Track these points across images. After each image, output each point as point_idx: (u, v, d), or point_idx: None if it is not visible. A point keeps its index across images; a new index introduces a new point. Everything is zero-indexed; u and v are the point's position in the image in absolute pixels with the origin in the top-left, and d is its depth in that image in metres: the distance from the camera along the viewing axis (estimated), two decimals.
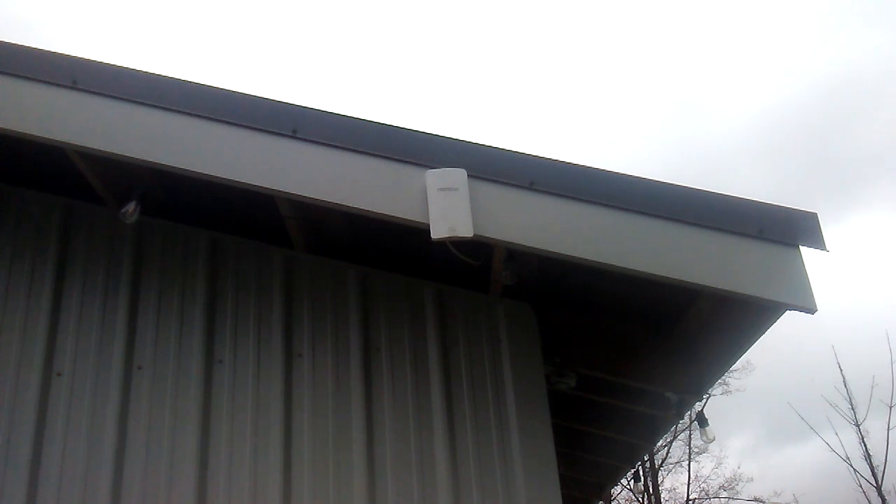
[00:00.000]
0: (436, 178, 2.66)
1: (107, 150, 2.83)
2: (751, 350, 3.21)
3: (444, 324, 3.34)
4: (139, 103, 2.86)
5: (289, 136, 2.79)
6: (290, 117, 2.82)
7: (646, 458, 21.84)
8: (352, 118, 2.83)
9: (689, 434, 23.59)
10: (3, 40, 3.04)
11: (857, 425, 17.84)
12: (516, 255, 2.97)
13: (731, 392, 24.09)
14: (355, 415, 3.16)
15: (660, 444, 20.67)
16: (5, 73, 2.96)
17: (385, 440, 3.12)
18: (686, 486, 24.81)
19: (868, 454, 17.69)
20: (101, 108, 2.88)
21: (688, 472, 24.93)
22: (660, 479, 24.56)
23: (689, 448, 24.56)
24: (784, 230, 2.57)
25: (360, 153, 2.75)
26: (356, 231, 3.37)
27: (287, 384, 3.22)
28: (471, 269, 3.11)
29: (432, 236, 2.58)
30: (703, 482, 25.19)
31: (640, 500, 23.63)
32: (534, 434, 3.10)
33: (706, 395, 3.99)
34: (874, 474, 17.46)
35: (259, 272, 3.44)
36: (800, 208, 2.59)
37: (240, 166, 2.77)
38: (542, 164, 2.72)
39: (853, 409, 18.03)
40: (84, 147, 2.88)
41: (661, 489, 24.57)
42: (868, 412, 17.72)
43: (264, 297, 3.39)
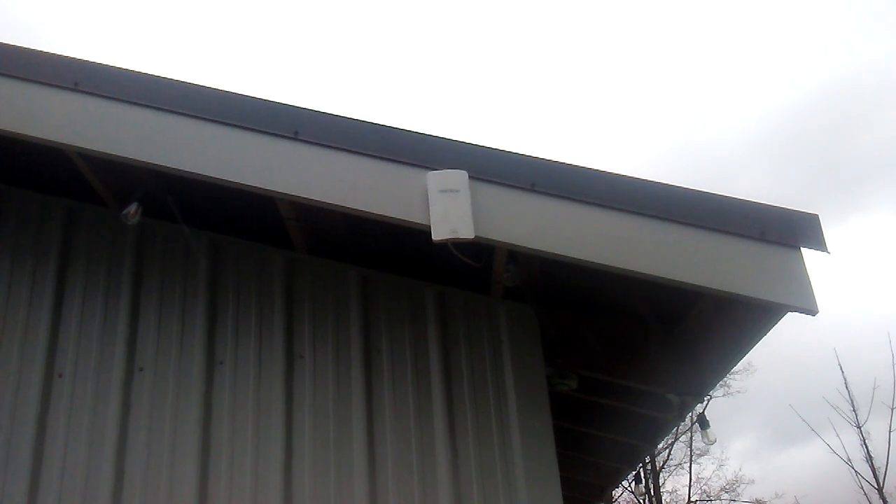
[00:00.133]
0: (437, 179, 2.66)
1: (108, 151, 2.84)
2: (752, 351, 3.20)
3: (445, 325, 3.34)
4: (140, 105, 2.87)
5: (290, 138, 2.79)
6: (291, 119, 2.82)
7: (647, 459, 21.82)
8: (353, 120, 2.83)
9: (691, 436, 23.58)
10: (4, 42, 3.04)
11: (859, 427, 17.84)
12: (518, 256, 2.97)
13: (732, 394, 24.09)
14: (356, 416, 3.16)
15: (661, 445, 20.67)
16: (7, 75, 2.96)
17: (386, 441, 3.12)
18: (687, 488, 24.79)
19: (869, 456, 17.69)
20: (102, 109, 2.88)
21: (689, 474, 24.92)
22: (661, 481, 24.54)
23: (691, 450, 24.55)
24: (785, 232, 2.56)
25: (361, 155, 2.75)
26: (357, 232, 3.36)
27: (288, 385, 3.22)
28: (472, 270, 3.11)
29: (433, 238, 2.57)
30: (705, 484, 25.18)
31: (642, 501, 23.61)
32: (535, 435, 3.09)
33: (707, 397, 3.98)
34: (875, 476, 17.45)
35: (260, 273, 3.45)
36: (801, 210, 2.59)
37: (241, 168, 2.77)
38: (544, 165, 2.72)
39: (854, 410, 18.03)
40: (85, 149, 2.88)
41: (662, 491, 24.55)
42: (869, 414, 17.73)
43: (265, 298, 3.39)
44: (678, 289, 2.63)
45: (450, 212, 2.60)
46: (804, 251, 2.54)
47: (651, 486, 23.52)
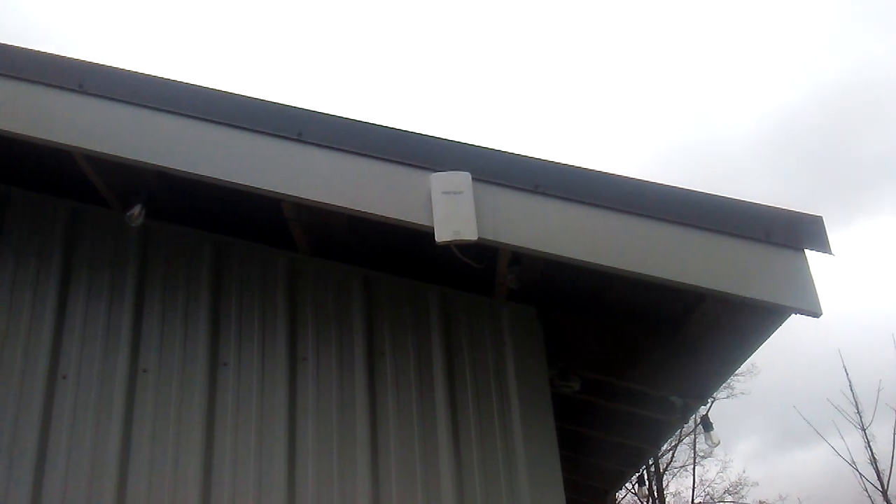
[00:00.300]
0: (440, 181, 2.66)
1: (112, 153, 2.84)
2: (756, 353, 3.20)
3: (448, 327, 3.34)
4: (144, 107, 2.87)
5: (294, 140, 2.79)
6: (295, 120, 2.82)
7: (650, 461, 21.78)
8: (357, 121, 2.83)
9: (694, 438, 23.55)
10: (9, 43, 3.05)
11: (863, 429, 17.83)
12: (521, 258, 2.97)
13: (735, 395, 24.04)
14: (359, 418, 3.16)
15: (664, 447, 20.64)
16: (11, 77, 2.97)
17: (389, 443, 3.12)
18: (691, 490, 24.76)
19: (874, 458, 17.67)
20: (106, 111, 2.89)
21: (692, 476, 24.90)
22: (664, 483, 24.50)
23: (694, 452, 24.52)
24: (789, 234, 2.56)
25: (365, 156, 2.75)
26: (360, 234, 3.36)
27: (291, 388, 3.22)
28: (475, 272, 3.11)
29: (436, 240, 2.57)
30: (708, 486, 25.15)
31: None
32: (538, 438, 3.09)
33: (711, 399, 3.98)
34: (880, 479, 17.43)
35: (263, 275, 3.45)
36: (805, 212, 2.58)
37: (244, 169, 2.77)
38: (547, 167, 2.72)
39: (859, 413, 18.03)
40: (89, 150, 2.88)
41: (665, 493, 24.51)
42: (874, 416, 17.75)
43: (269, 300, 3.39)
44: (682, 290, 2.62)
45: (453, 213, 2.60)
46: (808, 253, 2.54)
47: (654, 488, 23.47)
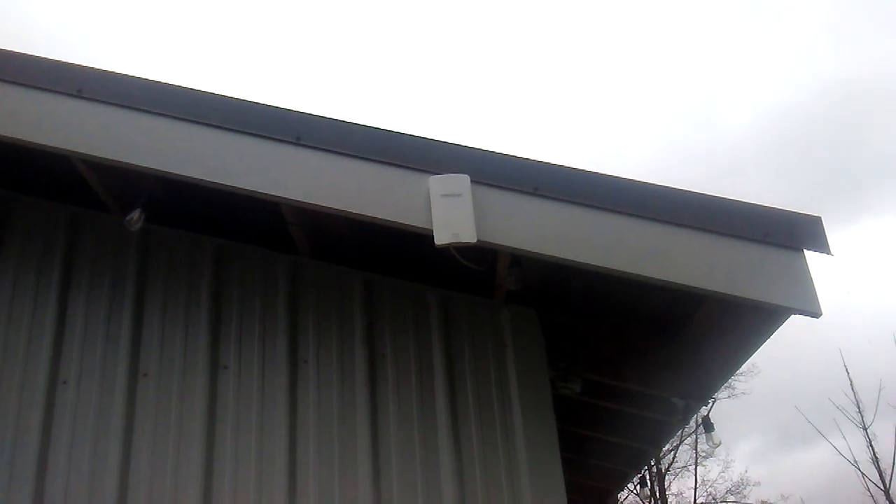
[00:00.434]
0: (439, 184, 2.66)
1: (111, 158, 2.84)
2: (756, 353, 3.20)
3: (448, 329, 3.34)
4: (144, 111, 2.87)
5: (292, 143, 2.79)
6: (293, 124, 2.82)
7: (652, 462, 21.77)
8: (355, 125, 2.83)
9: (696, 438, 23.51)
10: (8, 49, 3.06)
11: (865, 429, 17.79)
12: (520, 260, 2.97)
13: (736, 395, 24.02)
14: (360, 420, 3.16)
15: (666, 448, 20.62)
16: (10, 82, 2.97)
17: (390, 445, 3.12)
18: (693, 491, 24.75)
19: (876, 458, 17.63)
20: (105, 116, 2.89)
21: (694, 477, 24.90)
22: (666, 484, 24.50)
23: (696, 452, 24.52)
24: (788, 234, 2.56)
25: (364, 159, 2.75)
26: (360, 236, 3.37)
27: (292, 391, 3.22)
28: (475, 274, 3.11)
29: (436, 242, 2.57)
30: (710, 486, 25.15)
31: None
32: (539, 439, 3.09)
33: (712, 400, 3.98)
34: (882, 478, 17.39)
35: (264, 278, 3.45)
36: (804, 212, 2.58)
37: (243, 173, 2.78)
38: (546, 169, 2.72)
39: (861, 412, 17.98)
40: (89, 155, 2.89)
41: (667, 494, 24.51)
42: (875, 415, 17.68)
43: (269, 303, 3.39)
44: (681, 292, 2.62)
45: (452, 216, 2.60)
46: (807, 253, 2.54)
47: (656, 488, 23.45)
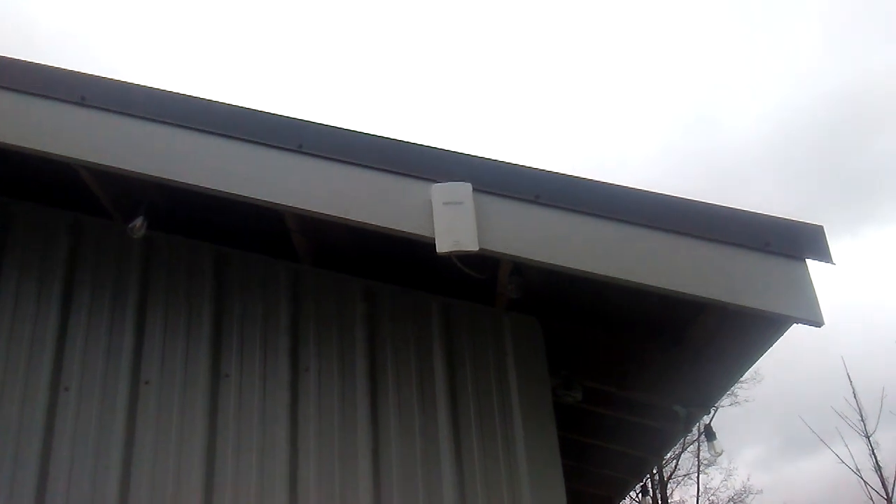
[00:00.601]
0: (441, 192, 2.67)
1: (114, 165, 2.85)
2: (759, 360, 3.19)
3: (449, 337, 3.34)
4: (146, 119, 2.88)
5: (294, 151, 2.80)
6: (295, 132, 2.83)
7: (654, 470, 21.72)
8: (357, 132, 2.84)
9: (698, 446, 23.48)
10: (11, 56, 3.07)
11: (868, 437, 17.74)
12: (522, 268, 2.97)
13: (739, 403, 23.97)
14: (361, 428, 3.15)
15: (668, 456, 20.58)
16: (13, 90, 2.99)
17: (391, 454, 3.11)
18: (695, 499, 24.67)
19: (878, 466, 17.57)
20: (108, 123, 2.90)
21: (697, 485, 24.82)
22: (668, 492, 24.42)
23: (699, 460, 24.46)
24: (790, 243, 2.56)
25: (366, 167, 2.76)
26: (362, 244, 3.37)
27: (293, 398, 3.21)
28: (477, 282, 3.11)
29: (437, 250, 2.58)
30: (713, 494, 25.06)
31: None
32: (540, 447, 3.08)
33: (714, 408, 3.97)
34: (884, 486, 17.33)
35: (265, 286, 3.45)
36: (806, 221, 2.58)
37: (245, 181, 2.78)
38: (548, 177, 2.73)
39: (863, 420, 17.93)
40: (91, 162, 2.90)
41: (669, 502, 24.42)
42: (878, 424, 17.62)
43: (270, 310, 3.39)
44: (683, 300, 2.62)
45: (454, 224, 2.60)
46: (809, 262, 2.54)
47: (658, 496, 23.39)
